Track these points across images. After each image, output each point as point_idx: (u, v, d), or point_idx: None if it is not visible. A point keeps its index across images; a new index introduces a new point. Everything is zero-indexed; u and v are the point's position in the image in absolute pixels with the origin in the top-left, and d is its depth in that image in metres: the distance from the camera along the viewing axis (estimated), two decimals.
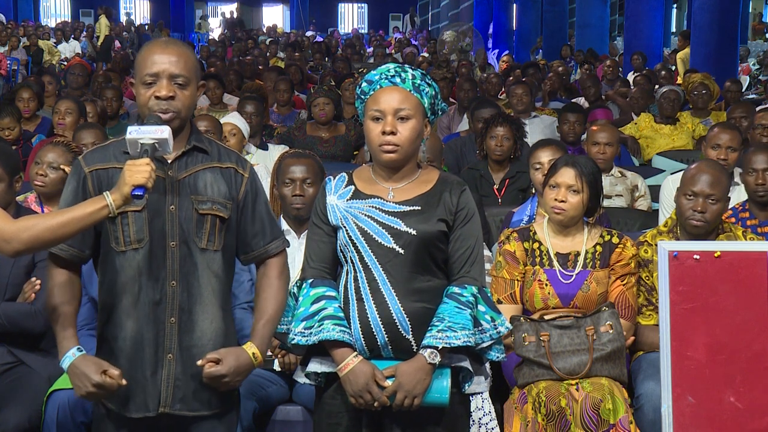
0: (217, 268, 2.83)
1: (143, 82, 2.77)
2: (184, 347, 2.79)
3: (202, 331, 2.81)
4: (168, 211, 2.78)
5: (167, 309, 2.78)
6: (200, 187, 2.81)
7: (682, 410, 3.11)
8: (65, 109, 6.64)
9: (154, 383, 2.79)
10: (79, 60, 13.40)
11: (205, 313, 2.81)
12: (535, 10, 22.37)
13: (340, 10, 41.98)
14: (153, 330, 2.78)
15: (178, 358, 2.79)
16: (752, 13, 29.22)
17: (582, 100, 9.95)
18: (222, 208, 2.82)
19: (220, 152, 2.89)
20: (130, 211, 2.74)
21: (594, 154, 5.67)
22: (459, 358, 2.87)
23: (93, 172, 2.79)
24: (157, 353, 2.78)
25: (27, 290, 3.78)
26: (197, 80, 2.83)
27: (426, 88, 2.91)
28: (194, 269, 2.80)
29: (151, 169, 2.61)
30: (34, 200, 4.61)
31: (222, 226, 2.83)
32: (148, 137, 2.64)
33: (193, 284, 2.80)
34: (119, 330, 2.79)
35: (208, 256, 2.81)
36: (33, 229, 2.62)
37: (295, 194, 4.10)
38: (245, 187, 2.88)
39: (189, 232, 2.79)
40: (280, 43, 22.97)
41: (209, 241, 2.81)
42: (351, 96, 8.79)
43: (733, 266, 3.15)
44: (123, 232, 2.77)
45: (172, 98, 2.75)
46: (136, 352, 2.78)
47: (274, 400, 3.90)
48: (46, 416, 3.68)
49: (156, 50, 2.79)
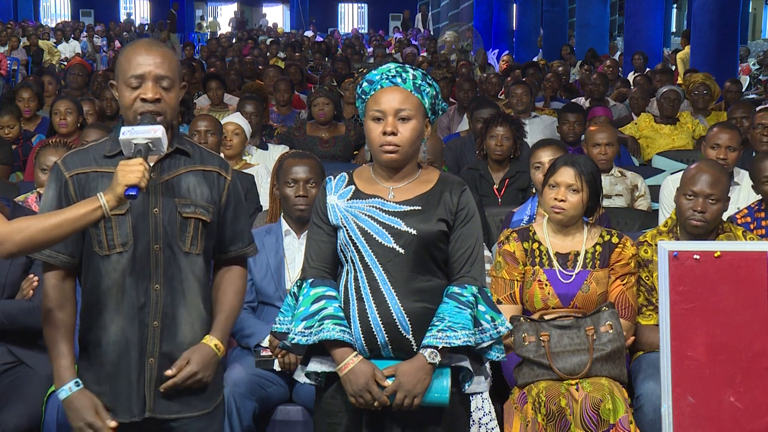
0: (198, 272, 2.83)
1: (128, 84, 2.75)
2: (164, 352, 2.79)
3: (184, 335, 2.81)
4: (152, 214, 2.76)
5: (151, 312, 2.77)
6: (183, 190, 2.80)
7: (682, 410, 3.12)
8: (65, 109, 6.64)
9: (138, 388, 2.78)
10: (79, 60, 13.38)
11: (188, 317, 2.81)
12: (535, 10, 22.35)
13: (340, 10, 41.96)
14: (137, 334, 2.77)
15: (160, 363, 2.78)
16: (752, 13, 29.23)
17: (582, 100, 9.94)
18: (205, 212, 2.82)
19: (202, 155, 2.88)
20: (113, 215, 2.72)
21: (595, 156, 5.67)
22: (459, 358, 2.87)
23: (74, 176, 2.77)
24: (141, 357, 2.78)
25: (25, 287, 3.79)
26: (180, 81, 2.82)
27: (427, 88, 2.91)
28: (178, 272, 2.79)
29: (144, 168, 2.59)
30: (35, 200, 4.61)
31: (204, 230, 2.83)
32: (141, 137, 2.63)
33: (177, 288, 2.79)
34: (103, 334, 2.78)
35: (191, 259, 2.81)
36: (26, 231, 2.60)
37: (299, 195, 4.10)
38: (228, 190, 2.88)
39: (173, 235, 2.78)
40: (280, 43, 22.97)
41: (192, 245, 2.80)
42: (351, 96, 8.80)
43: (733, 266, 3.15)
44: (107, 236, 2.75)
45: (158, 100, 2.74)
46: (120, 356, 2.77)
47: (274, 400, 3.90)
48: (46, 416, 3.68)
49: (140, 51, 2.76)
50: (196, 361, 2.78)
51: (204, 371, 2.80)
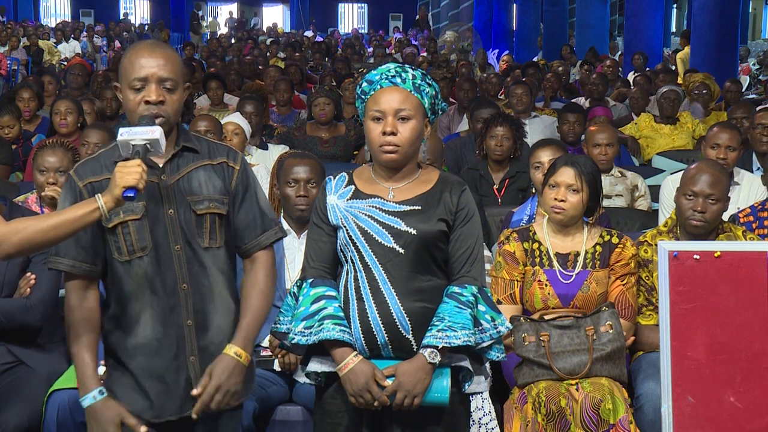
0: (222, 264, 2.84)
1: (131, 86, 2.74)
2: (202, 347, 2.80)
3: (219, 328, 2.82)
4: (167, 216, 2.77)
5: (183, 312, 2.78)
6: (195, 186, 2.80)
7: (682, 410, 3.12)
8: (65, 109, 6.64)
9: (176, 387, 2.79)
10: (79, 60, 13.38)
11: (219, 311, 2.82)
12: (535, 10, 22.36)
13: (340, 10, 41.96)
14: (172, 335, 2.78)
15: (200, 359, 2.80)
16: (752, 13, 29.23)
17: (582, 100, 9.93)
18: (219, 204, 2.82)
19: (210, 149, 2.88)
20: (130, 220, 2.73)
21: (596, 156, 5.67)
22: (459, 358, 2.87)
23: (87, 185, 2.77)
24: (179, 357, 2.79)
25: (22, 285, 3.80)
26: (183, 83, 2.82)
27: (426, 88, 2.91)
28: (202, 269, 2.80)
29: (142, 169, 2.59)
30: (35, 201, 4.60)
31: (222, 222, 2.83)
32: (139, 138, 2.63)
33: (204, 284, 2.80)
34: (132, 338, 2.78)
35: (213, 253, 2.82)
36: (24, 231, 2.60)
37: (299, 195, 4.10)
38: (236, 179, 2.87)
39: (191, 233, 2.78)
40: (280, 43, 22.97)
41: (211, 239, 2.81)
42: (351, 96, 8.79)
43: (733, 266, 3.15)
44: (125, 242, 2.76)
45: (162, 102, 2.74)
46: (152, 359, 2.78)
47: (274, 400, 3.90)
48: (46, 416, 3.68)
49: (143, 54, 2.76)
50: (217, 373, 2.78)
51: (228, 381, 2.78)
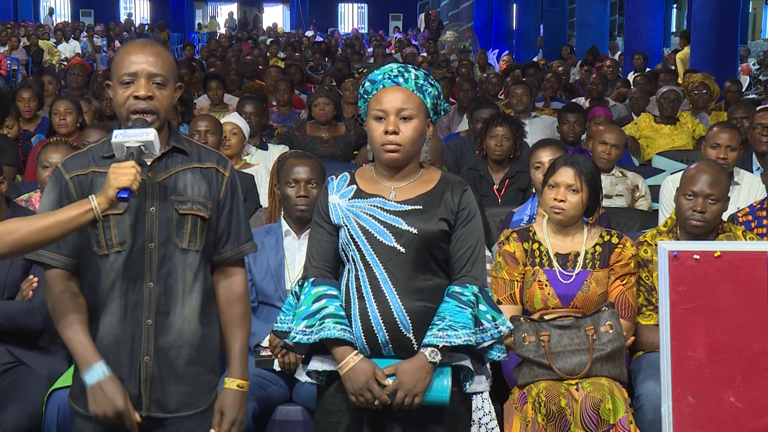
0: (196, 269, 2.80)
1: (121, 81, 2.74)
2: (160, 349, 2.77)
3: (180, 332, 2.78)
4: (149, 213, 2.75)
5: (144, 311, 2.75)
6: (180, 187, 2.79)
7: (682, 410, 3.12)
8: (65, 109, 6.64)
9: (131, 386, 2.76)
10: (79, 60, 13.38)
11: (183, 315, 2.79)
12: (535, 10, 22.37)
13: (340, 10, 41.97)
14: (129, 332, 2.75)
15: (155, 360, 2.77)
16: (752, 13, 29.23)
17: (582, 100, 9.94)
18: (202, 207, 2.80)
19: (200, 153, 2.86)
20: (112, 215, 2.72)
21: (598, 153, 5.67)
22: (460, 357, 2.88)
23: (74, 178, 2.76)
24: (134, 355, 2.76)
25: (24, 288, 3.80)
26: (175, 81, 2.81)
27: (429, 88, 2.91)
28: (173, 270, 2.77)
29: (136, 171, 2.59)
30: (38, 200, 4.61)
31: (203, 226, 2.81)
32: (133, 140, 2.62)
33: (172, 286, 2.77)
34: (96, 332, 2.76)
35: (190, 256, 2.79)
36: (17, 232, 2.59)
37: (300, 195, 4.09)
38: (225, 186, 2.86)
39: (170, 233, 2.76)
40: (280, 43, 22.97)
41: (191, 242, 2.78)
42: (351, 96, 8.80)
43: (733, 266, 3.15)
44: (105, 236, 2.74)
45: (151, 98, 2.73)
46: (112, 354, 2.75)
47: (274, 400, 3.90)
48: (46, 416, 3.68)
49: (134, 50, 2.77)
50: (228, 409, 2.83)
51: (239, 413, 2.85)
